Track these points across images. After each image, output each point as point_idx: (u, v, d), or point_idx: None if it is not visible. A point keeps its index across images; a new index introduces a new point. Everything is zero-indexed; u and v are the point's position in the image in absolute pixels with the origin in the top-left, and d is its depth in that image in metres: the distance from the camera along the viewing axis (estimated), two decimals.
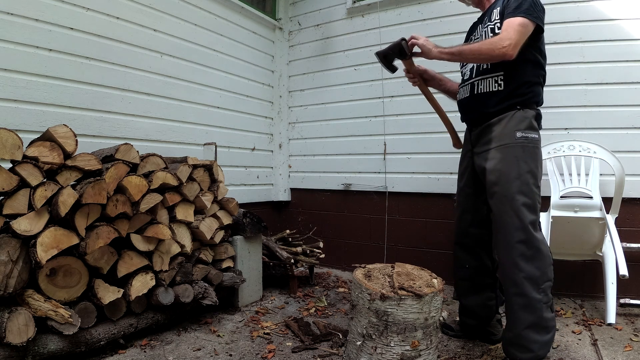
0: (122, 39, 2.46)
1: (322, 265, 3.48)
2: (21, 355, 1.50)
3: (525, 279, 1.61)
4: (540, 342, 1.61)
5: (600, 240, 2.36)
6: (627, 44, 2.52)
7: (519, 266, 1.62)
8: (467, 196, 1.96)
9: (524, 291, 1.61)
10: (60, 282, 1.62)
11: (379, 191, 3.33)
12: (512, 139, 1.67)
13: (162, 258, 1.97)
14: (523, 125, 1.68)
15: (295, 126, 3.82)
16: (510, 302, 1.66)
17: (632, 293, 2.40)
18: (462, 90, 1.93)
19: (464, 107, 1.92)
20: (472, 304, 1.98)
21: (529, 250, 1.61)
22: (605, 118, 2.57)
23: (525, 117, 1.70)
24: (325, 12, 3.64)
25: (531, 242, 1.62)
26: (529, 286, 1.60)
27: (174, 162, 2.20)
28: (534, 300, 1.60)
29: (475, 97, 1.81)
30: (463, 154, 2.01)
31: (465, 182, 1.97)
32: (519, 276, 1.61)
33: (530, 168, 1.66)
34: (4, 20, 1.95)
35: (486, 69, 1.77)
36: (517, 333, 1.63)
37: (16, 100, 2.00)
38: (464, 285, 2.02)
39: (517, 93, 1.70)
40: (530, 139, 1.69)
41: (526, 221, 1.62)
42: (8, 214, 1.51)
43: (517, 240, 1.63)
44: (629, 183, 2.40)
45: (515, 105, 1.70)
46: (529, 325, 1.61)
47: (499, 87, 1.72)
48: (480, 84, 1.79)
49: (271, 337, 2.06)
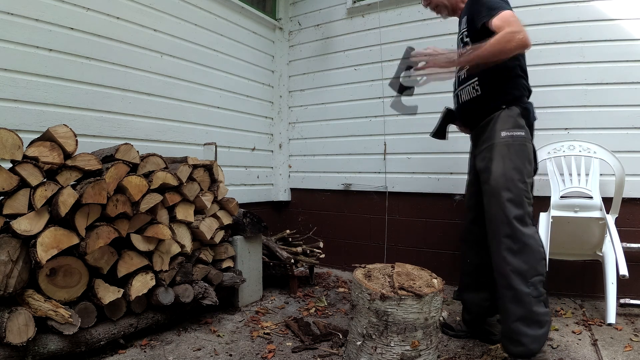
0: (122, 39, 2.46)
1: (322, 265, 3.48)
2: (21, 355, 1.50)
3: (512, 272, 1.64)
4: (531, 336, 1.62)
5: (600, 240, 2.36)
6: (627, 44, 2.52)
7: (506, 260, 1.66)
8: (470, 195, 2.03)
9: (511, 284, 1.65)
10: (60, 282, 1.62)
11: (379, 191, 3.33)
12: (497, 138, 1.74)
13: (162, 258, 1.97)
14: (508, 125, 1.74)
15: (295, 126, 3.82)
16: (501, 295, 1.71)
17: (632, 293, 2.40)
18: (453, 101, 2.06)
19: (458, 115, 2.05)
20: (469, 300, 2.04)
21: (515, 244, 1.66)
22: (605, 118, 2.57)
23: (510, 115, 1.75)
24: (325, 12, 3.64)
25: (516, 236, 1.65)
26: (516, 279, 1.64)
27: (174, 162, 2.20)
28: (521, 294, 1.63)
29: (462, 105, 1.94)
30: (470, 155, 2.09)
31: (471, 181, 2.04)
32: (506, 269, 1.66)
33: (515, 165, 1.70)
34: (4, 20, 1.95)
35: (464, 79, 1.87)
36: (508, 326, 1.67)
37: (16, 100, 2.00)
38: (466, 281, 2.07)
39: (496, 92, 1.77)
40: (516, 137, 1.73)
41: (510, 216, 1.66)
42: (8, 213, 1.51)
43: (504, 234, 1.67)
44: (629, 183, 2.40)
45: (500, 105, 1.76)
46: (519, 318, 1.63)
47: (476, 92, 1.82)
48: (463, 94, 1.91)
49: (271, 337, 2.06)
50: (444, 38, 3.03)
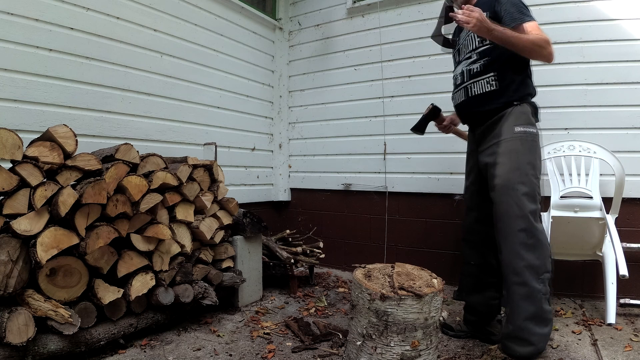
0: (122, 39, 2.46)
1: (322, 265, 3.48)
2: (21, 355, 1.50)
3: (526, 267, 1.62)
4: (539, 335, 1.61)
5: (600, 241, 2.36)
6: (627, 44, 2.52)
7: (520, 254, 1.63)
8: (472, 194, 2.02)
9: (525, 280, 1.62)
10: (60, 282, 1.62)
11: (379, 191, 3.33)
12: (511, 133, 1.74)
13: (162, 258, 1.97)
14: (522, 120, 1.75)
15: (295, 126, 3.82)
16: (511, 292, 1.67)
17: (632, 293, 2.40)
18: (456, 95, 2.00)
19: (462, 110, 2.00)
20: (474, 301, 2.01)
21: (530, 239, 1.63)
22: (605, 118, 2.57)
23: (523, 112, 1.76)
24: (325, 12, 3.64)
25: (531, 231, 1.64)
26: (530, 275, 1.61)
27: (174, 162, 2.20)
28: (535, 290, 1.61)
29: (472, 99, 1.88)
30: (468, 153, 2.07)
31: (472, 181, 2.02)
32: (520, 264, 1.63)
33: (529, 160, 1.71)
34: (4, 20, 1.95)
35: (477, 72, 1.85)
36: (518, 325, 1.63)
37: (16, 100, 2.00)
38: (468, 282, 2.04)
39: (511, 90, 1.77)
40: (529, 133, 1.74)
41: (526, 210, 1.65)
42: (8, 213, 1.51)
43: (519, 228, 1.65)
44: (629, 183, 2.40)
45: (513, 101, 1.77)
46: (530, 317, 1.61)
47: (492, 87, 1.80)
48: (474, 87, 1.87)
49: (271, 337, 2.06)
50: None
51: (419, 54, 3.14)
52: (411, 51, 3.18)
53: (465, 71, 1.91)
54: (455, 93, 2.01)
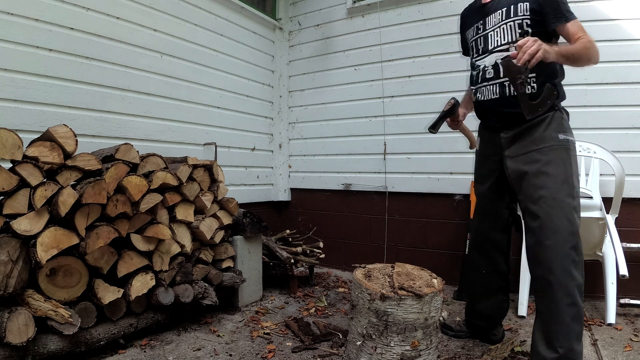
0: (122, 39, 2.46)
1: (322, 265, 3.48)
2: (21, 355, 1.50)
3: (576, 287, 1.52)
4: (580, 353, 1.52)
5: (600, 240, 2.36)
6: (627, 44, 2.52)
7: (572, 274, 1.52)
8: (490, 200, 1.89)
9: (575, 300, 1.51)
10: (60, 282, 1.62)
11: (379, 191, 3.33)
12: (556, 140, 1.60)
13: (162, 258, 1.97)
14: (562, 127, 1.63)
15: (295, 126, 3.82)
16: (561, 313, 1.52)
17: (632, 293, 2.40)
18: (485, 89, 1.75)
19: (492, 108, 1.76)
20: (485, 307, 1.94)
21: (578, 256, 1.54)
22: (605, 118, 2.57)
23: (563, 118, 1.66)
24: (325, 12, 3.64)
25: (579, 248, 1.54)
26: (578, 294, 1.51)
27: (174, 162, 2.20)
28: (581, 309, 1.52)
29: (511, 98, 1.66)
30: (484, 157, 1.89)
31: (490, 186, 1.87)
32: (572, 284, 1.51)
33: (574, 171, 1.60)
34: (4, 20, 1.95)
35: None
36: (570, 347, 1.50)
37: (16, 100, 2.00)
38: (478, 290, 1.97)
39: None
40: (571, 142, 1.63)
41: (576, 226, 1.55)
42: (8, 213, 1.51)
43: (570, 246, 1.53)
44: (629, 183, 2.40)
45: (554, 106, 1.64)
46: (578, 336, 1.52)
47: (532, 89, 1.63)
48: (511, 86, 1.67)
49: (271, 337, 2.06)
50: (444, 38, 3.04)
51: (419, 54, 3.14)
52: (411, 51, 3.18)
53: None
54: (482, 87, 1.76)
